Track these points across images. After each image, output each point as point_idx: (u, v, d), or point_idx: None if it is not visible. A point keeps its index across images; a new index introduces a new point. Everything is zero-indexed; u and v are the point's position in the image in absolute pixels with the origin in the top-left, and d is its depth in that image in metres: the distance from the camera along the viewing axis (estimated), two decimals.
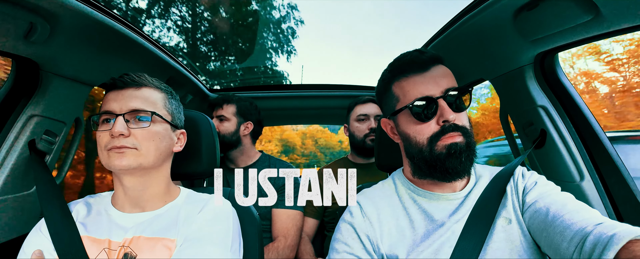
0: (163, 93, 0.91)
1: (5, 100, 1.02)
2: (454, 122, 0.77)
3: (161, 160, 0.87)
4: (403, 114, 0.83)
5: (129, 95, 0.84)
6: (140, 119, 0.83)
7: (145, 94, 0.86)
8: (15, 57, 0.97)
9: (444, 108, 0.76)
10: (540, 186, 0.80)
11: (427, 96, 0.77)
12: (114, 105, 0.82)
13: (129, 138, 0.80)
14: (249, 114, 1.74)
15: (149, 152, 0.83)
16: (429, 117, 0.78)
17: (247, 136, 1.74)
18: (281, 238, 1.51)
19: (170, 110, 0.91)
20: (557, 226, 0.68)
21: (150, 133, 0.83)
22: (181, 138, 0.95)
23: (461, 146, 0.76)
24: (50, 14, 0.87)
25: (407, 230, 0.80)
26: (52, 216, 0.83)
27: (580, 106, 1.11)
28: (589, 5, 0.81)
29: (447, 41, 1.26)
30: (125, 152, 0.80)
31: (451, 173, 0.78)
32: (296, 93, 2.25)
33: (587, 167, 1.08)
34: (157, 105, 0.87)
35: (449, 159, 0.77)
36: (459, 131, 0.77)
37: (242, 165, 1.73)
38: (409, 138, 0.82)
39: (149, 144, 0.83)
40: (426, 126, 0.78)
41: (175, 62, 1.57)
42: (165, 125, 0.88)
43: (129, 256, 0.79)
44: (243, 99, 1.76)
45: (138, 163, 0.81)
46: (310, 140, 29.84)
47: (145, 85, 0.87)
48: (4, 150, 1.00)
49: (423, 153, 0.80)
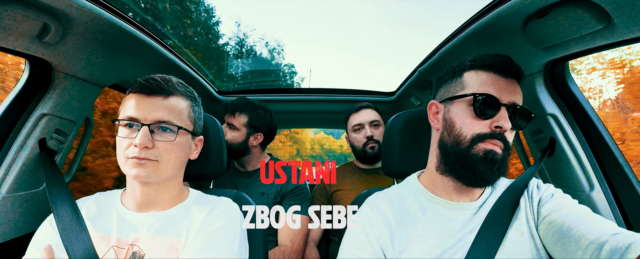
0: (189, 100, 0.89)
1: (17, 99, 1.03)
2: (505, 133, 0.76)
3: (179, 169, 0.88)
4: (462, 102, 0.80)
5: (155, 103, 0.82)
6: (164, 130, 0.82)
7: (173, 104, 0.84)
8: (29, 57, 0.99)
9: (503, 115, 0.76)
10: (556, 198, 0.79)
11: (496, 97, 0.77)
12: (139, 113, 0.80)
13: (152, 150, 0.80)
14: (260, 125, 1.67)
15: (169, 164, 0.83)
16: (486, 117, 0.77)
17: (256, 147, 1.70)
18: (287, 242, 1.50)
19: (193, 118, 0.90)
20: (572, 236, 0.67)
21: (173, 146, 0.82)
22: (198, 145, 0.95)
23: (498, 156, 0.76)
24: (63, 15, 0.89)
25: (419, 238, 0.79)
26: (62, 213, 0.84)
27: (590, 115, 1.09)
28: (601, 13, 0.80)
29: (457, 47, 1.25)
30: (146, 164, 0.79)
31: (477, 177, 0.77)
32: (302, 97, 2.26)
33: (597, 177, 1.07)
34: (182, 115, 0.85)
35: (481, 163, 0.76)
36: (503, 143, 0.76)
37: (251, 168, 1.73)
38: (454, 127, 0.80)
39: (170, 156, 0.82)
40: (478, 123, 0.77)
41: (185, 64, 1.58)
42: (188, 136, 0.87)
43: (137, 255, 0.79)
44: (258, 107, 1.68)
45: (157, 176, 0.81)
46: (318, 145, 37.14)
47: (172, 93, 0.85)
48: (15, 148, 1.01)
49: (459, 146, 0.78)
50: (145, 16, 10.98)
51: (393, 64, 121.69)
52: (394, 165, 1.10)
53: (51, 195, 0.90)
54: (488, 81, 0.79)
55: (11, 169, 1.00)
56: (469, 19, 1.13)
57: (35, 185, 1.09)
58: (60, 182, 0.95)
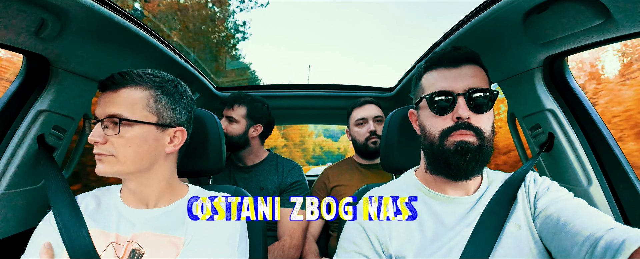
0: (149, 90, 0.83)
1: (15, 95, 1.03)
2: (469, 121, 0.76)
3: (146, 163, 0.83)
4: (424, 106, 0.83)
5: (107, 99, 0.81)
6: (116, 124, 0.79)
7: (123, 96, 0.81)
8: (26, 53, 0.99)
9: (460, 105, 0.76)
10: (552, 192, 0.79)
11: (448, 90, 0.78)
12: (98, 109, 0.81)
13: (105, 145, 0.79)
14: (259, 116, 1.70)
15: (127, 159, 0.80)
16: (445, 111, 0.78)
17: (255, 138, 1.72)
18: (286, 237, 1.51)
19: (157, 108, 0.84)
20: (568, 231, 0.67)
21: (125, 140, 0.79)
22: (178, 136, 0.88)
23: (470, 146, 0.76)
24: (61, 10, 0.88)
25: (416, 232, 0.80)
26: (61, 209, 0.84)
27: (588, 110, 1.10)
28: (600, 8, 0.80)
29: (456, 42, 1.25)
30: (103, 159, 0.80)
31: (453, 170, 0.78)
32: (302, 93, 2.25)
33: (595, 172, 1.07)
34: (136, 107, 0.81)
35: (453, 156, 0.77)
36: (472, 131, 0.76)
37: (250, 163, 1.73)
38: (425, 130, 0.83)
39: (126, 150, 0.80)
40: (441, 120, 0.79)
41: (183, 60, 1.58)
42: (148, 127, 0.82)
43: (136, 252, 0.79)
44: (256, 99, 1.72)
45: (114, 170, 0.80)
46: (318, 147, 46.89)
47: (124, 85, 0.81)
48: (14, 144, 1.01)
49: (433, 146, 0.80)
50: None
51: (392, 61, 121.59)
52: (392, 160, 1.10)
53: (50, 191, 0.90)
54: (439, 77, 0.81)
55: (10, 165, 1.00)
56: (468, 13, 1.12)
57: (34, 181, 1.09)
58: (59, 178, 0.95)
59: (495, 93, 0.80)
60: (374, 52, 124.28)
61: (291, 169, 1.70)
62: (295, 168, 1.72)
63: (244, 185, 1.68)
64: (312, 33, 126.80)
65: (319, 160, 43.93)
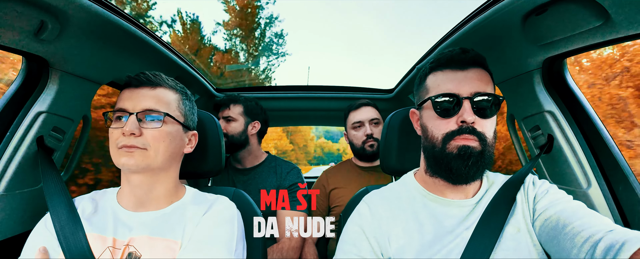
0: (178, 94, 0.91)
1: (14, 97, 1.03)
2: (474, 125, 0.76)
3: (170, 161, 0.88)
4: (428, 107, 0.83)
5: (143, 94, 0.85)
6: (153, 119, 0.84)
7: (160, 94, 0.86)
8: (25, 55, 0.99)
9: (466, 109, 0.76)
10: (551, 194, 0.79)
11: (454, 93, 0.77)
12: (128, 104, 0.83)
13: (139, 137, 0.81)
14: (255, 114, 1.74)
15: (158, 153, 0.83)
16: (450, 115, 0.78)
17: (254, 136, 1.74)
18: (285, 239, 1.51)
19: (184, 111, 0.91)
20: (567, 233, 0.67)
21: (161, 134, 0.83)
22: (192, 139, 0.96)
23: (473, 150, 0.76)
24: (60, 12, 0.88)
25: (416, 234, 0.80)
26: (58, 212, 0.84)
27: (588, 112, 1.10)
28: (599, 10, 0.80)
29: (455, 44, 1.25)
30: (134, 152, 0.81)
31: (454, 174, 0.78)
32: (301, 95, 2.25)
33: (595, 174, 1.07)
34: (170, 105, 0.87)
35: (455, 160, 0.76)
36: (476, 136, 0.76)
37: (249, 165, 1.73)
38: (427, 131, 0.83)
39: (159, 145, 0.83)
40: (445, 122, 0.78)
41: (183, 62, 1.58)
42: (178, 126, 0.88)
43: (133, 256, 0.79)
44: (249, 99, 1.76)
45: (146, 164, 0.82)
46: (319, 148, 51.01)
47: (160, 85, 0.88)
48: (13, 146, 1.01)
49: (435, 148, 0.80)
50: None
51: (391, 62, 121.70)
52: (392, 162, 1.10)
53: (48, 193, 0.89)
54: (445, 79, 0.80)
55: (8, 167, 1.00)
56: (468, 15, 1.13)
57: (33, 183, 1.08)
58: (57, 180, 0.94)
59: (500, 98, 0.80)
60: (374, 53, 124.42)
61: (289, 171, 1.70)
62: (293, 169, 1.72)
63: (243, 187, 1.67)
64: (312, 33, 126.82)
65: (320, 160, 47.95)
